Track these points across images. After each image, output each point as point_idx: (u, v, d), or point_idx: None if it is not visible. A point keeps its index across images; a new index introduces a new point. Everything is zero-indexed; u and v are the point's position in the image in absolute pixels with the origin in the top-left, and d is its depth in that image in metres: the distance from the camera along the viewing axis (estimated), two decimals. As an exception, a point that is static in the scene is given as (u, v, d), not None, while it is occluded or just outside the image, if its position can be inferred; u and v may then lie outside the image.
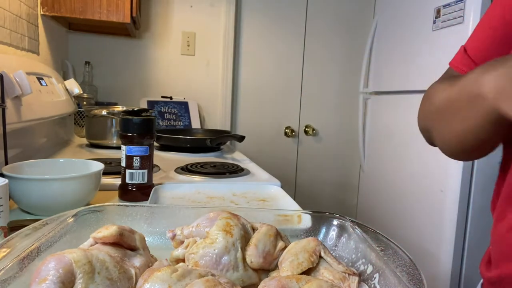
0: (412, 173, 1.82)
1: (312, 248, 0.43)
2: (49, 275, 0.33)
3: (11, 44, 1.14)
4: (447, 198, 1.60)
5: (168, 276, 0.34)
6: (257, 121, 2.44)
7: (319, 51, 2.48)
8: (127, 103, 2.12)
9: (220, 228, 0.44)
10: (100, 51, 2.14)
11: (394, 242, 0.43)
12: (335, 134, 2.56)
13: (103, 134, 1.44)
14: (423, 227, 1.74)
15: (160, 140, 1.46)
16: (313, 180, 2.56)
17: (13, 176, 0.65)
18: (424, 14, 1.78)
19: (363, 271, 0.43)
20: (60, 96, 1.27)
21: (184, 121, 2.12)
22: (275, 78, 2.44)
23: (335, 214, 0.53)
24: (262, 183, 0.99)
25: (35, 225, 0.43)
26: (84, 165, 0.81)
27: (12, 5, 1.14)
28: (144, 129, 0.78)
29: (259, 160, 1.45)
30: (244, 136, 1.36)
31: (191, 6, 2.24)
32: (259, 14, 2.36)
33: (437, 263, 1.64)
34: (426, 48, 1.75)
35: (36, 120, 0.99)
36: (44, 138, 1.28)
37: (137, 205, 0.53)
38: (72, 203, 0.68)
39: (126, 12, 1.56)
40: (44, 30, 1.51)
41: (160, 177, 0.98)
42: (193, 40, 2.26)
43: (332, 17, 2.46)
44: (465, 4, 1.52)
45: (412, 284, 0.35)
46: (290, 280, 0.36)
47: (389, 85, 2.06)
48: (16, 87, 0.84)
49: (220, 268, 0.42)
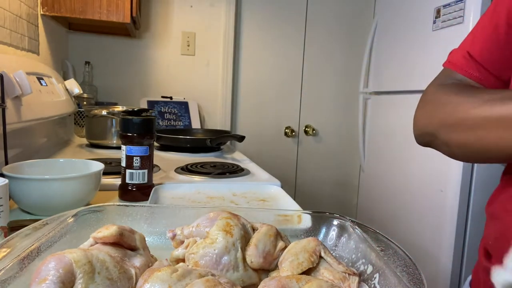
0: (412, 173, 1.82)
1: (312, 248, 0.43)
2: (49, 275, 0.33)
3: (11, 44, 1.14)
4: (447, 198, 1.60)
5: (168, 276, 0.34)
6: (257, 121, 2.44)
7: (319, 51, 2.48)
8: (127, 103, 2.12)
9: (220, 228, 0.44)
10: (100, 51, 2.14)
11: (394, 242, 0.43)
12: (335, 134, 2.56)
13: (103, 134, 1.44)
14: (423, 227, 1.74)
15: (160, 140, 1.46)
16: (313, 180, 2.56)
17: (13, 176, 0.65)
18: (424, 14, 1.78)
19: (363, 271, 0.43)
20: (60, 96, 1.27)
21: (184, 121, 2.12)
22: (275, 78, 2.44)
23: (335, 214, 0.53)
24: (262, 183, 0.99)
25: (35, 225, 0.43)
26: (84, 165, 0.81)
27: (12, 5, 1.14)
28: (144, 129, 0.78)
29: (259, 160, 1.45)
30: (244, 136, 1.36)
31: (191, 6, 2.24)
32: (259, 14, 2.36)
33: (437, 263, 1.64)
34: (426, 48, 1.75)
35: (36, 120, 0.99)
36: (44, 138, 1.28)
37: (137, 205, 0.53)
38: (72, 203, 0.68)
39: (126, 12, 1.56)
40: (44, 30, 1.51)
41: (160, 177, 0.98)
42: (193, 40, 2.26)
43: (332, 17, 2.46)
44: (465, 4, 1.52)
45: (412, 284, 0.35)
46: (290, 280, 0.36)
47: (389, 85, 2.06)
48: (16, 87, 0.84)
49: (220, 268, 0.42)
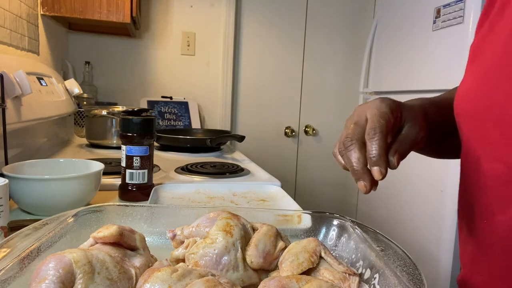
0: (412, 173, 1.82)
1: (313, 248, 0.43)
2: (49, 275, 0.33)
3: (11, 44, 1.14)
4: (447, 198, 1.60)
5: (168, 276, 0.34)
6: (257, 121, 2.44)
7: (319, 51, 2.48)
8: (127, 103, 2.12)
9: (220, 228, 0.44)
10: (100, 51, 2.14)
11: (394, 242, 0.43)
12: (335, 134, 2.56)
13: (103, 134, 1.44)
14: (423, 227, 1.74)
15: (160, 140, 1.46)
16: (313, 180, 2.56)
17: (13, 176, 0.65)
18: (424, 14, 1.78)
19: (363, 271, 0.43)
20: (60, 96, 1.27)
21: (184, 121, 2.12)
22: (275, 78, 2.44)
23: (335, 214, 0.53)
24: (262, 183, 0.99)
25: (35, 225, 0.43)
26: (84, 165, 0.81)
27: (12, 5, 1.14)
28: (144, 129, 0.78)
29: (259, 160, 1.45)
30: (244, 136, 1.36)
31: (191, 6, 2.24)
32: (259, 14, 2.36)
33: (437, 263, 1.64)
34: (426, 48, 1.75)
35: (36, 120, 0.99)
36: (44, 138, 1.28)
37: (137, 205, 0.53)
38: (72, 203, 0.68)
39: (126, 12, 1.56)
40: (44, 30, 1.51)
41: (160, 177, 0.98)
42: (193, 40, 2.26)
43: (332, 17, 2.46)
44: (465, 4, 1.52)
45: (412, 284, 0.35)
46: (290, 280, 0.36)
47: (389, 85, 2.06)
48: (16, 87, 0.84)
49: (220, 268, 0.42)
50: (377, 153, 0.44)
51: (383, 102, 0.48)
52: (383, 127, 0.45)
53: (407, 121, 0.48)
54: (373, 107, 0.47)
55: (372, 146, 0.44)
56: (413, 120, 0.49)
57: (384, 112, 0.46)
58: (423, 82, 1.76)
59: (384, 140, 0.44)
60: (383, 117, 0.45)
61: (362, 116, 0.47)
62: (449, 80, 1.55)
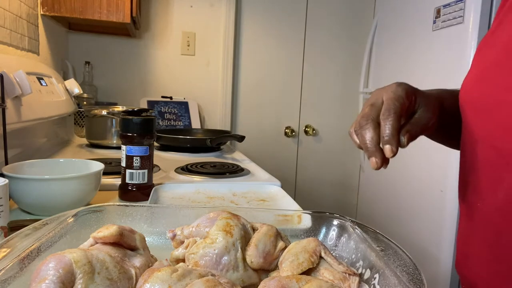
0: (412, 173, 1.82)
1: (313, 248, 0.43)
2: (49, 275, 0.33)
3: (11, 44, 1.14)
4: (447, 198, 1.60)
5: (168, 276, 0.34)
6: (257, 121, 2.44)
7: (319, 51, 2.47)
8: (127, 103, 2.12)
9: (220, 228, 0.44)
10: (100, 51, 2.14)
11: (394, 242, 0.43)
12: (335, 134, 2.56)
13: (103, 134, 1.44)
14: (423, 227, 1.74)
15: (160, 140, 1.46)
16: (313, 180, 2.56)
17: (13, 176, 0.65)
18: (424, 14, 1.78)
19: (363, 271, 0.43)
20: (60, 96, 1.27)
21: (184, 121, 2.12)
22: (275, 78, 2.43)
23: (335, 214, 0.53)
24: (262, 183, 0.99)
25: (35, 225, 0.43)
26: (84, 165, 0.81)
27: (12, 5, 1.14)
28: (144, 129, 0.78)
29: (259, 160, 1.45)
30: (244, 136, 1.36)
31: (191, 6, 2.24)
32: (259, 14, 2.36)
33: (437, 263, 1.64)
34: (426, 48, 1.75)
35: (36, 120, 0.99)
36: (44, 138, 1.28)
37: (137, 205, 0.53)
38: (72, 203, 0.68)
39: (126, 12, 1.56)
40: (44, 30, 1.51)
41: (160, 177, 0.98)
42: (193, 40, 2.26)
43: (332, 17, 2.46)
44: (465, 4, 1.52)
45: (412, 284, 0.35)
46: (290, 280, 0.36)
47: (389, 85, 2.06)
48: (16, 87, 0.84)
49: (220, 268, 0.42)
50: (390, 132, 0.47)
51: (399, 86, 0.51)
52: (397, 109, 0.48)
53: (420, 106, 0.52)
54: (390, 90, 0.50)
55: (385, 126, 0.47)
56: (427, 106, 0.52)
57: (399, 95, 0.49)
58: (423, 82, 1.76)
59: (398, 121, 0.47)
60: (398, 100, 0.49)
61: (379, 99, 0.50)
62: (449, 80, 1.55)
